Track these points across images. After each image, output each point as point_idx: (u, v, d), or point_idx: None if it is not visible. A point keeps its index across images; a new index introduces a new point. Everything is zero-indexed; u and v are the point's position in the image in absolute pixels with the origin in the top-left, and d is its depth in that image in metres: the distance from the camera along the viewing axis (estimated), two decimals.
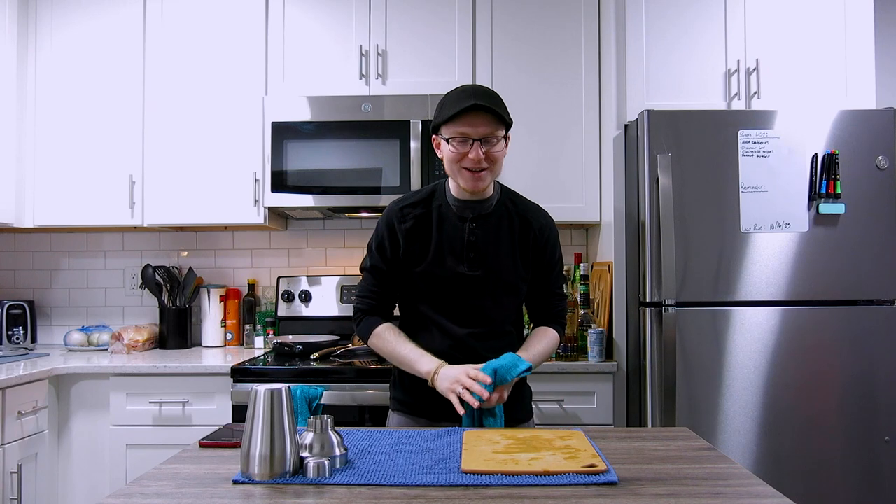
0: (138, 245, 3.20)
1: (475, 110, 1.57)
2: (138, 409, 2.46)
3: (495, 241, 1.70)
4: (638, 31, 2.59)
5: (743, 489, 1.10)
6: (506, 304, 1.73)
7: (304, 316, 3.02)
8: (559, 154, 2.79)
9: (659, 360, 2.31)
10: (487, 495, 1.06)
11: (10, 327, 2.91)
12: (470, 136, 1.58)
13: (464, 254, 1.68)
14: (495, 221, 1.71)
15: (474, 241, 1.68)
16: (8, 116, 2.78)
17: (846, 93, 2.57)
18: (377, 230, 1.76)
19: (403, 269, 1.72)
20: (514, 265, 1.71)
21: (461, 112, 1.57)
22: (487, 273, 1.68)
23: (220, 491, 1.10)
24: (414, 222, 1.70)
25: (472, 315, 1.69)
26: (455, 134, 1.60)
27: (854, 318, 2.34)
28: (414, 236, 1.70)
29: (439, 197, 1.73)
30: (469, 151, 1.59)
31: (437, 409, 1.63)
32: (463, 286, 1.68)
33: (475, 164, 1.60)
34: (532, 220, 1.75)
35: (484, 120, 1.58)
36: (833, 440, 2.31)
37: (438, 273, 1.68)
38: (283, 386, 1.17)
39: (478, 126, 1.58)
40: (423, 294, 1.71)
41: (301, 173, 2.73)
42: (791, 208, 2.35)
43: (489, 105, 1.57)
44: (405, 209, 1.72)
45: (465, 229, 1.69)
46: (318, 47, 2.83)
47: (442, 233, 1.70)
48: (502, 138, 1.63)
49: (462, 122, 1.58)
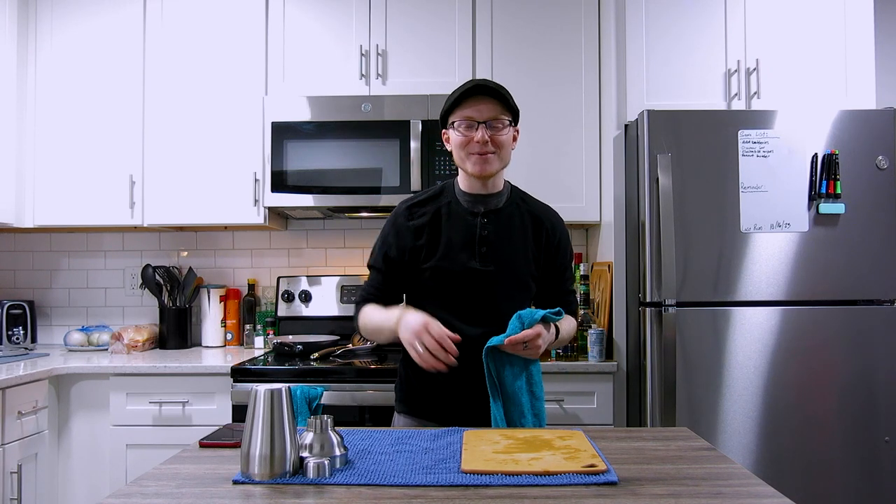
0: (138, 245, 3.20)
1: (480, 94, 1.60)
2: (138, 409, 2.46)
3: (508, 236, 1.68)
4: (638, 31, 2.59)
5: (743, 489, 1.10)
6: (518, 302, 1.68)
7: (304, 316, 3.02)
8: (559, 154, 2.79)
9: (659, 360, 2.31)
10: (487, 495, 1.06)
11: (10, 327, 2.91)
12: (475, 119, 1.60)
13: (476, 248, 1.66)
14: (507, 217, 1.70)
15: (486, 235, 1.66)
16: (8, 116, 2.78)
17: (846, 93, 2.57)
18: (384, 229, 1.74)
19: (412, 268, 1.68)
20: (526, 261, 1.69)
21: (466, 95, 1.60)
22: (500, 268, 1.66)
23: (220, 491, 1.10)
24: (423, 219, 1.69)
25: (485, 313, 1.64)
26: (461, 118, 1.62)
27: (854, 318, 2.34)
28: (423, 232, 1.68)
29: (448, 195, 1.72)
30: (475, 135, 1.60)
31: (448, 410, 1.60)
32: (475, 282, 1.65)
33: (481, 147, 1.60)
34: (544, 219, 1.74)
35: (489, 104, 1.61)
36: (833, 440, 2.31)
37: (449, 269, 1.65)
38: (283, 386, 1.16)
39: (482, 110, 1.60)
40: (434, 292, 1.67)
41: (301, 173, 2.73)
42: (791, 208, 2.35)
43: (493, 87, 1.60)
44: (413, 207, 1.71)
45: (476, 223, 1.67)
46: (318, 47, 2.83)
47: (452, 228, 1.67)
48: (508, 124, 1.63)
49: (467, 106, 1.61)
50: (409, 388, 1.73)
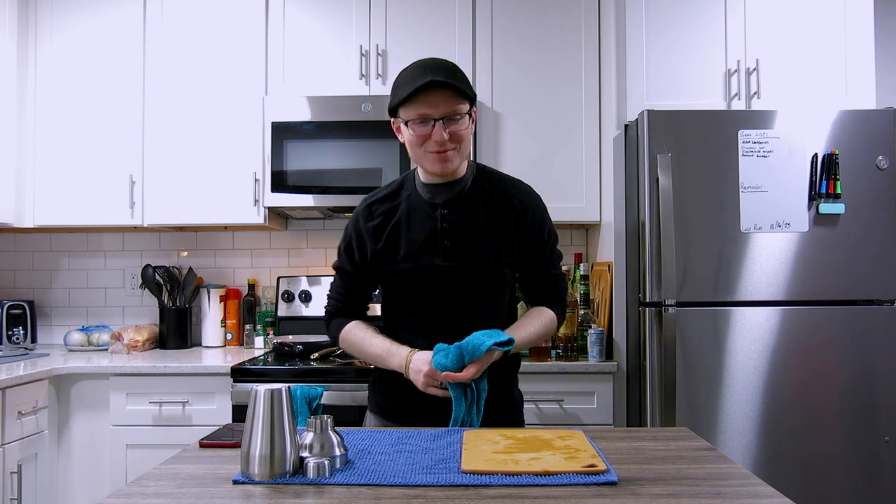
0: (138, 245, 3.20)
1: (432, 87, 1.43)
2: (138, 409, 2.46)
3: (472, 225, 1.55)
4: (638, 31, 2.59)
5: (743, 489, 1.10)
6: (493, 297, 1.59)
7: (304, 316, 3.02)
8: (559, 154, 2.79)
9: (659, 360, 2.31)
10: (487, 495, 1.06)
11: (10, 327, 2.91)
12: (431, 116, 1.45)
13: (438, 244, 1.54)
14: (470, 204, 1.57)
15: (448, 227, 1.54)
16: (8, 116, 2.78)
17: (846, 93, 2.57)
18: (346, 231, 1.65)
19: (377, 270, 1.60)
20: (495, 251, 1.56)
21: (417, 91, 1.43)
22: (466, 262, 1.54)
23: (220, 491, 1.10)
24: (382, 219, 1.58)
25: (458, 314, 1.55)
26: (414, 116, 1.46)
27: (854, 318, 2.34)
28: (382, 233, 1.58)
29: (409, 186, 1.60)
30: (432, 133, 1.46)
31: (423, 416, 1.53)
32: (442, 281, 1.54)
33: (439, 146, 1.46)
34: (512, 197, 1.59)
35: (444, 97, 1.44)
36: (833, 440, 2.31)
37: (413, 269, 1.55)
38: (283, 386, 1.16)
39: (438, 105, 1.44)
40: (403, 296, 1.60)
41: (301, 173, 2.73)
42: (791, 208, 2.35)
43: (447, 80, 1.43)
44: (373, 205, 1.61)
45: (436, 217, 1.55)
46: (318, 47, 2.83)
47: (412, 224, 1.56)
48: (466, 114, 1.48)
49: (420, 102, 1.44)
50: (382, 391, 1.66)
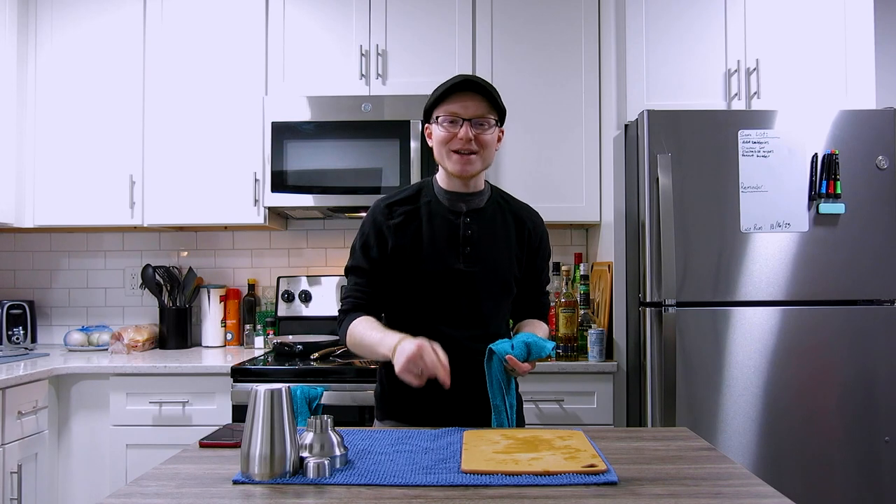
0: (138, 245, 3.20)
1: (466, 89, 1.54)
2: (138, 409, 2.46)
3: (491, 236, 1.63)
4: (638, 31, 2.59)
5: (743, 489, 1.10)
6: (500, 305, 1.65)
7: (304, 316, 3.02)
8: (559, 154, 2.79)
9: (659, 360, 2.31)
10: (487, 495, 1.06)
11: (10, 327, 2.91)
12: (460, 115, 1.54)
13: (459, 249, 1.59)
14: (490, 217, 1.64)
15: (470, 235, 1.60)
16: (8, 116, 2.78)
17: (846, 93, 2.57)
18: (362, 229, 1.65)
19: (393, 271, 1.61)
20: (509, 263, 1.64)
21: (452, 90, 1.54)
22: (484, 269, 1.60)
23: (220, 491, 1.10)
24: (403, 218, 1.61)
25: (470, 317, 1.60)
26: (445, 113, 1.55)
27: (854, 318, 2.34)
28: (404, 232, 1.60)
29: (427, 193, 1.65)
30: (458, 131, 1.54)
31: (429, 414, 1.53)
32: (459, 284, 1.59)
33: (464, 145, 1.54)
34: (526, 219, 1.69)
35: (475, 101, 1.55)
36: (833, 440, 2.31)
37: (433, 270, 1.58)
38: (283, 386, 1.16)
39: (468, 107, 1.54)
40: (416, 296, 1.60)
41: (301, 173, 2.73)
42: (791, 208, 2.35)
43: (481, 83, 1.54)
44: (393, 206, 1.63)
45: (459, 223, 1.61)
46: (318, 47, 2.83)
47: (434, 228, 1.60)
48: (494, 124, 1.58)
49: (453, 101, 1.55)
50: (390, 393, 1.64)
